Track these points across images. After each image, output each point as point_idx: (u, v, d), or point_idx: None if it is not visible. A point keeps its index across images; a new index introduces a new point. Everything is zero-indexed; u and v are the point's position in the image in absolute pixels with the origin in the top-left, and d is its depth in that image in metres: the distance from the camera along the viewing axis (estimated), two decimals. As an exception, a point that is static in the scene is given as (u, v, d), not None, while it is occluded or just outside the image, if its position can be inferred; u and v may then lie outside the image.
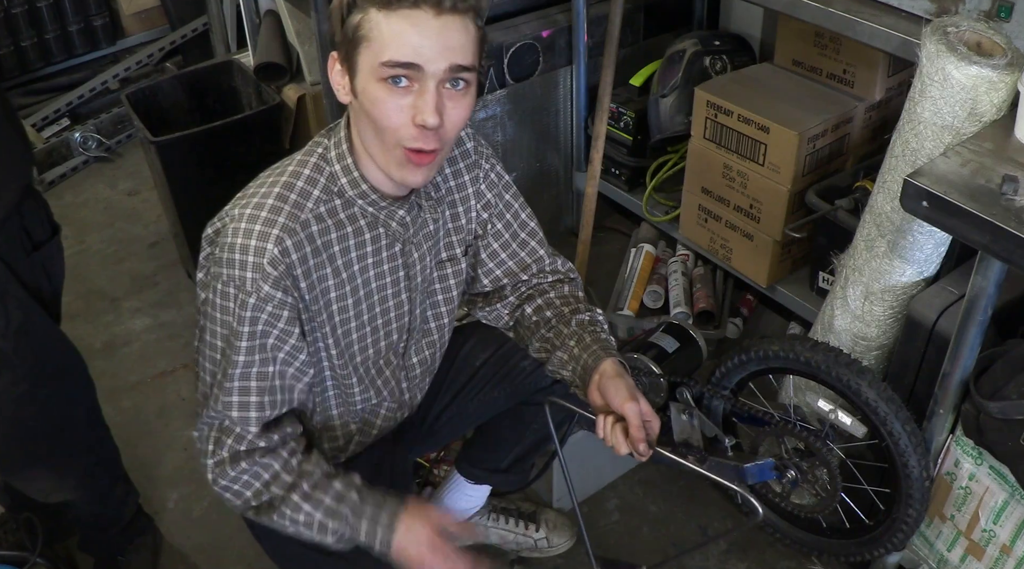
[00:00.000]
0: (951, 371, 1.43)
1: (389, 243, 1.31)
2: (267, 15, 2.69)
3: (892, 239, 1.57)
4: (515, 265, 1.49)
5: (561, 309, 1.47)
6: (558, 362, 1.42)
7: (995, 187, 1.23)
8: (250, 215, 1.19)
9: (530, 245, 1.49)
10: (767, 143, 1.97)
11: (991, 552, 1.56)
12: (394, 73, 1.10)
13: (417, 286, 1.38)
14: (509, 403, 1.63)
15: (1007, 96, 1.38)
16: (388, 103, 1.12)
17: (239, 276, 1.17)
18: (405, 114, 1.12)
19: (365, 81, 1.13)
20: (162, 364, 2.39)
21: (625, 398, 1.28)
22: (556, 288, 1.51)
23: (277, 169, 1.25)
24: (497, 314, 1.53)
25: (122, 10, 3.52)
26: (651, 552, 1.89)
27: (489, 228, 1.46)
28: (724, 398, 1.71)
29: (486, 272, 1.49)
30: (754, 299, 2.40)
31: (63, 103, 3.31)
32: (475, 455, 1.76)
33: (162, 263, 2.77)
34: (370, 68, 1.11)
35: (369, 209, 1.26)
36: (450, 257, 1.43)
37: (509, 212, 1.47)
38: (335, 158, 1.24)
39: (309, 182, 1.23)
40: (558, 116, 2.50)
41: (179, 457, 2.12)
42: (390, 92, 1.11)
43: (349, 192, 1.24)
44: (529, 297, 1.50)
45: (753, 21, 2.51)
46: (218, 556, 1.91)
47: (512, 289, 1.52)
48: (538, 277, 1.51)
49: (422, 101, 1.11)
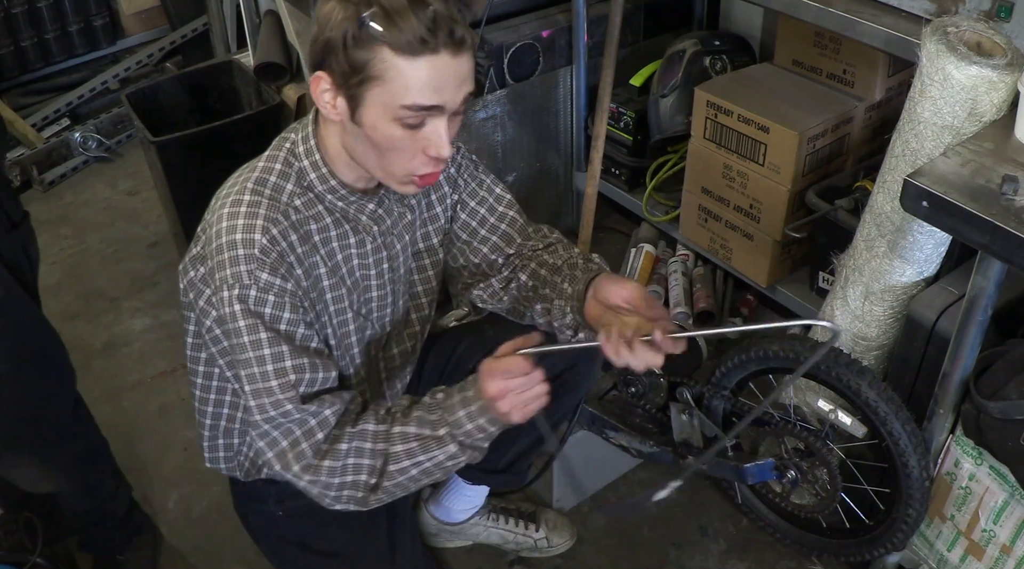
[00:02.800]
0: (951, 371, 1.43)
1: (371, 235, 1.31)
2: (267, 15, 2.69)
3: (892, 239, 1.57)
4: (500, 239, 1.46)
5: (555, 263, 1.42)
6: (559, 312, 1.36)
7: (995, 187, 1.23)
8: (229, 213, 1.19)
9: (509, 215, 1.47)
10: (767, 143, 1.97)
11: (991, 552, 1.56)
12: (416, 117, 1.12)
13: (400, 277, 1.39)
14: None
15: (1007, 96, 1.38)
16: (405, 142, 1.14)
17: (232, 274, 1.16)
18: (417, 146, 1.15)
19: (376, 117, 1.13)
20: (162, 364, 2.39)
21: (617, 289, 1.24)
22: (548, 250, 1.46)
23: (247, 168, 1.25)
24: (491, 289, 1.48)
25: (122, 10, 3.52)
26: (651, 552, 1.89)
27: (461, 209, 1.45)
28: (724, 398, 1.71)
29: (473, 251, 1.46)
30: (754, 299, 2.40)
31: (63, 103, 3.31)
32: None
33: (162, 263, 2.77)
34: (384, 107, 1.11)
35: (339, 204, 1.26)
36: (427, 248, 1.43)
37: (483, 188, 1.45)
38: (303, 153, 1.24)
39: (281, 177, 1.23)
40: (558, 116, 2.50)
41: (179, 457, 2.12)
42: (405, 129, 1.13)
43: (318, 187, 1.24)
44: (523, 266, 1.46)
45: (753, 21, 2.51)
46: (218, 556, 1.90)
47: (504, 263, 1.48)
48: (527, 246, 1.47)
49: (438, 137, 1.14)
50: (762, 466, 1.56)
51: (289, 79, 2.59)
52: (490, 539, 1.88)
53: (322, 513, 1.46)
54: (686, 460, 1.59)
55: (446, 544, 1.89)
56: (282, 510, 1.45)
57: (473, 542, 1.90)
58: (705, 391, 1.70)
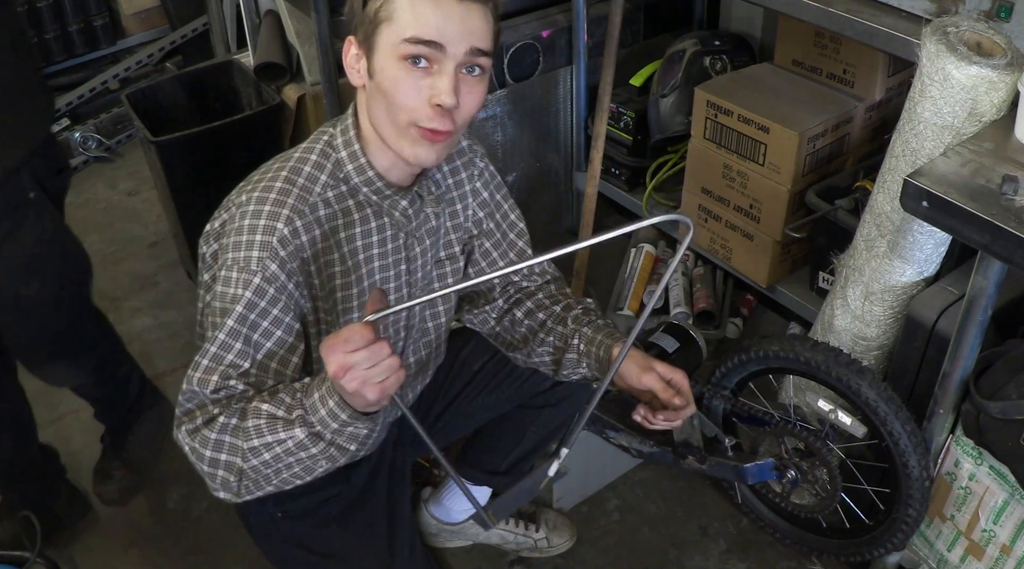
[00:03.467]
0: (951, 371, 1.43)
1: (393, 234, 1.30)
2: (267, 15, 2.68)
3: (892, 239, 1.57)
4: (505, 266, 1.48)
5: (552, 309, 1.47)
6: (571, 363, 1.42)
7: (995, 187, 1.23)
8: (258, 197, 1.19)
9: (518, 246, 1.49)
10: (767, 143, 1.97)
11: (991, 552, 1.56)
12: (416, 51, 1.11)
13: (417, 282, 1.38)
14: (508, 406, 1.63)
15: (1007, 96, 1.38)
16: (407, 82, 1.13)
17: (244, 257, 1.16)
18: (422, 94, 1.13)
19: (384, 60, 1.13)
20: (162, 364, 2.39)
21: (638, 375, 1.29)
22: (543, 289, 1.51)
23: (281, 157, 1.26)
24: (484, 317, 1.53)
25: (122, 10, 3.51)
26: (651, 552, 1.89)
27: (484, 226, 1.47)
28: (724, 398, 1.71)
29: (477, 272, 1.48)
30: (754, 299, 2.40)
31: (63, 103, 3.30)
32: (474, 457, 1.76)
33: (162, 263, 2.76)
34: (391, 46, 1.12)
35: (373, 197, 1.26)
36: (449, 256, 1.43)
37: (499, 212, 1.48)
38: (342, 145, 1.24)
39: (316, 167, 1.23)
40: (558, 116, 2.50)
41: (179, 457, 2.12)
42: (409, 72, 1.12)
43: (355, 178, 1.24)
44: (517, 301, 1.50)
45: (753, 21, 2.51)
46: (218, 556, 1.90)
47: (501, 292, 1.51)
48: (528, 279, 1.52)
49: (441, 81, 1.12)
50: (762, 466, 1.56)
51: (289, 79, 2.59)
52: (490, 539, 1.88)
53: (321, 514, 1.47)
54: (686, 460, 1.59)
55: (446, 544, 1.89)
56: (280, 512, 1.45)
57: (473, 542, 1.90)
58: (705, 391, 1.70)
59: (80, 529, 1.95)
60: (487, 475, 1.76)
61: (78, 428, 2.19)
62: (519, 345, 1.50)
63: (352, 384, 1.01)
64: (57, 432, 2.18)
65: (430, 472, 1.96)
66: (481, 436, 1.73)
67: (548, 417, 1.67)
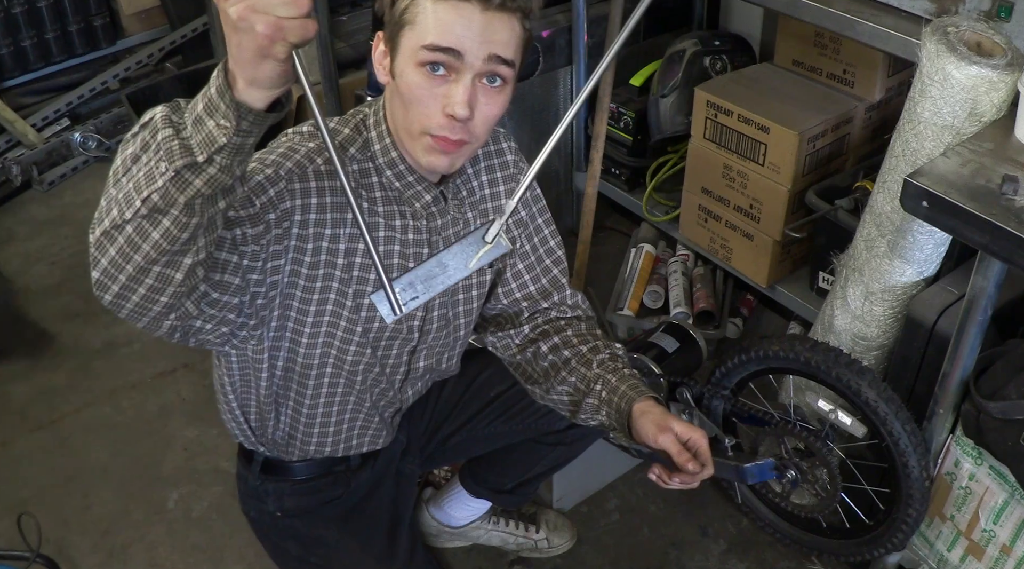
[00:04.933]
0: (951, 371, 1.43)
1: (416, 225, 1.28)
2: (267, 15, 2.69)
3: (892, 239, 1.57)
4: (536, 291, 1.45)
5: (579, 348, 1.41)
6: (590, 409, 1.36)
7: (995, 187, 1.23)
8: (297, 139, 1.19)
9: (553, 273, 1.46)
10: (767, 143, 1.97)
11: (991, 552, 1.56)
12: (434, 58, 1.09)
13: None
14: (519, 438, 1.62)
15: (1007, 96, 1.38)
16: (423, 88, 1.11)
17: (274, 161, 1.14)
18: (437, 102, 1.12)
19: (404, 63, 1.12)
20: (162, 364, 2.39)
21: (655, 434, 1.24)
22: (573, 325, 1.45)
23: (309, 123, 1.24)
24: (507, 342, 1.47)
25: (122, 10, 3.51)
26: (651, 552, 1.89)
27: (518, 246, 1.43)
28: (724, 398, 1.71)
29: (506, 292, 1.45)
30: (754, 299, 2.40)
31: (63, 103, 3.30)
32: (481, 473, 1.76)
33: (162, 263, 2.76)
34: (411, 50, 1.11)
35: (395, 182, 1.24)
36: None
37: (539, 235, 1.44)
38: (372, 125, 1.23)
39: (347, 140, 1.23)
40: (558, 116, 2.50)
41: (179, 457, 2.12)
42: (427, 78, 1.11)
43: (380, 159, 1.23)
44: (544, 333, 1.45)
45: (753, 21, 2.51)
46: (218, 556, 1.90)
47: (528, 318, 1.47)
48: (557, 310, 1.47)
49: (455, 91, 1.10)
50: (762, 466, 1.56)
51: (289, 79, 2.59)
52: (491, 541, 1.88)
53: (321, 514, 1.47)
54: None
55: (446, 544, 1.89)
56: (280, 511, 1.45)
57: (473, 543, 1.90)
58: (705, 391, 1.70)
59: (80, 529, 1.95)
60: (491, 492, 1.75)
61: (78, 428, 2.19)
62: (539, 379, 1.45)
63: (238, 9, 0.76)
64: (57, 432, 2.18)
65: (431, 472, 1.96)
66: (491, 456, 1.71)
67: (560, 454, 1.67)
